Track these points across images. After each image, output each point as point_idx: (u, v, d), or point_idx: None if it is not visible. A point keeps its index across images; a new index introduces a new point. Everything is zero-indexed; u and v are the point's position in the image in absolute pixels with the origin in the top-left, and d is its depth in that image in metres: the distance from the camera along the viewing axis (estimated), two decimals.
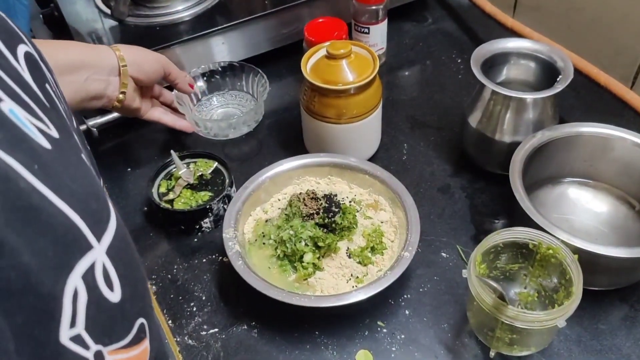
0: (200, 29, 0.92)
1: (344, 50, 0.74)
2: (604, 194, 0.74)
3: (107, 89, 0.72)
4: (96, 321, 0.26)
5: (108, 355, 0.27)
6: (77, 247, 0.26)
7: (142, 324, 0.31)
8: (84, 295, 0.26)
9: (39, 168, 0.25)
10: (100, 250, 0.27)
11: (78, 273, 0.26)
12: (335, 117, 0.76)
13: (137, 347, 0.30)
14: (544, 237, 0.60)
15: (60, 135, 0.29)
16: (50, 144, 0.28)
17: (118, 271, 0.29)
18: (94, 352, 0.26)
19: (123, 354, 0.29)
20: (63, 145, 0.29)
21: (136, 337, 0.30)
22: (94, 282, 0.27)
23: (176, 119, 0.84)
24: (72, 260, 0.26)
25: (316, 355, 0.63)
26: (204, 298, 0.68)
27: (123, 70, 0.73)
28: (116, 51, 0.72)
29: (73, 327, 0.25)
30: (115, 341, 0.28)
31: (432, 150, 0.85)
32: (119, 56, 0.72)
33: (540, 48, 0.75)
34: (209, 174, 0.78)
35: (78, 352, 0.25)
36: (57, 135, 0.29)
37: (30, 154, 0.25)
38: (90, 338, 0.26)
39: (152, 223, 0.77)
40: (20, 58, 0.30)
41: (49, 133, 0.28)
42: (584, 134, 0.72)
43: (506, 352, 0.61)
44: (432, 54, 1.01)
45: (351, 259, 0.67)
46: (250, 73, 0.92)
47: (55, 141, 0.28)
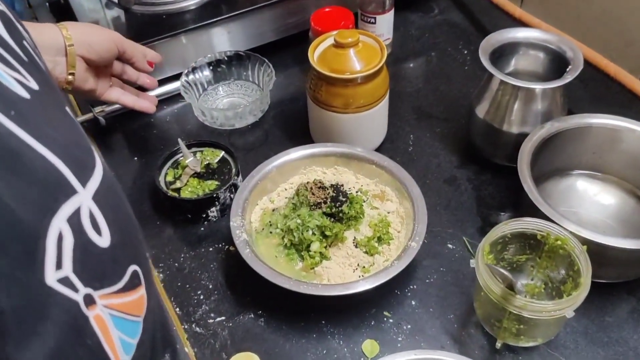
0: (206, 17, 0.91)
1: (351, 39, 0.73)
2: (612, 186, 0.74)
3: (54, 70, 0.68)
4: (85, 265, 0.26)
5: (100, 300, 0.27)
6: (61, 191, 0.26)
7: (135, 271, 0.31)
8: (70, 238, 0.25)
9: (15, 114, 0.25)
10: (86, 196, 0.27)
11: (62, 216, 0.25)
12: (342, 106, 0.75)
13: (132, 293, 0.30)
14: (552, 228, 0.60)
15: (40, 87, 0.29)
16: (29, 94, 0.27)
17: (106, 217, 0.28)
18: (83, 294, 0.26)
19: (117, 299, 0.28)
20: (43, 97, 0.29)
21: (130, 283, 0.30)
22: (80, 226, 0.26)
23: (136, 99, 0.80)
24: (55, 203, 0.25)
25: (322, 344, 0.63)
26: (210, 286, 0.68)
27: (70, 49, 0.68)
28: (62, 30, 0.68)
29: (60, 269, 0.25)
30: (107, 285, 0.28)
31: (438, 141, 0.85)
32: (65, 35, 0.68)
33: (549, 38, 0.74)
34: (215, 163, 0.78)
35: (66, 294, 0.25)
36: (36, 87, 0.29)
37: (5, 102, 0.25)
38: (79, 281, 0.26)
39: (159, 211, 0.77)
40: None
41: (27, 84, 0.28)
42: (594, 126, 0.71)
43: (513, 343, 0.61)
44: (439, 45, 1.00)
45: (358, 249, 0.67)
46: (257, 63, 0.91)
47: (35, 92, 0.28)
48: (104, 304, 0.27)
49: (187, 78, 0.89)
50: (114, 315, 0.28)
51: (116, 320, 0.28)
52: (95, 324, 0.26)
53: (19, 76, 0.28)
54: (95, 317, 0.26)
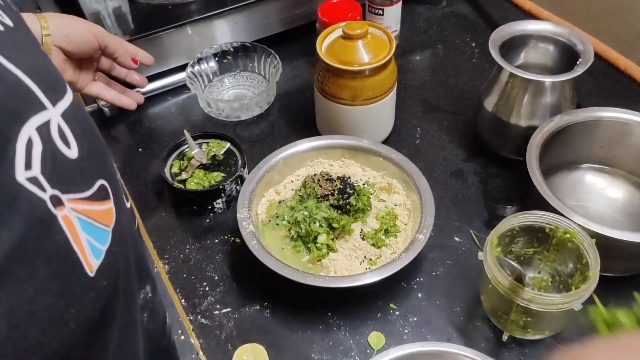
0: (212, 8, 0.91)
1: (360, 31, 0.73)
2: (621, 180, 0.74)
3: None
4: (53, 170, 0.29)
5: (68, 203, 0.30)
6: (31, 104, 0.29)
7: (103, 185, 0.33)
8: (39, 145, 0.28)
9: None
10: (55, 113, 0.30)
11: (32, 125, 0.28)
12: (349, 98, 0.75)
13: (100, 203, 0.33)
14: (561, 221, 0.59)
15: (15, 25, 0.31)
16: (3, 27, 0.30)
17: (74, 133, 0.31)
18: (50, 194, 0.28)
19: (85, 205, 0.31)
20: (18, 33, 0.31)
21: (97, 194, 0.33)
22: (49, 136, 0.29)
23: (117, 95, 0.79)
24: (25, 113, 0.28)
25: (329, 336, 0.63)
26: (216, 278, 0.68)
27: (46, 39, 0.68)
28: (41, 20, 0.68)
29: (29, 170, 0.27)
30: (75, 192, 0.31)
31: (446, 134, 0.84)
32: (43, 25, 0.67)
33: (560, 31, 0.74)
34: (221, 154, 0.77)
35: (34, 191, 0.27)
36: (11, 24, 0.31)
37: None
38: (47, 182, 0.28)
39: (164, 203, 0.77)
40: None
41: (2, 20, 0.30)
42: (603, 119, 0.71)
43: (519, 336, 0.61)
44: (446, 38, 1.00)
45: (365, 241, 0.67)
46: (263, 54, 0.91)
47: (9, 27, 0.30)
48: (72, 207, 0.30)
49: (192, 69, 0.88)
50: (81, 219, 0.31)
51: (84, 223, 0.31)
52: (63, 223, 0.29)
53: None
54: (63, 217, 0.29)
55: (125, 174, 0.80)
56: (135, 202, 0.77)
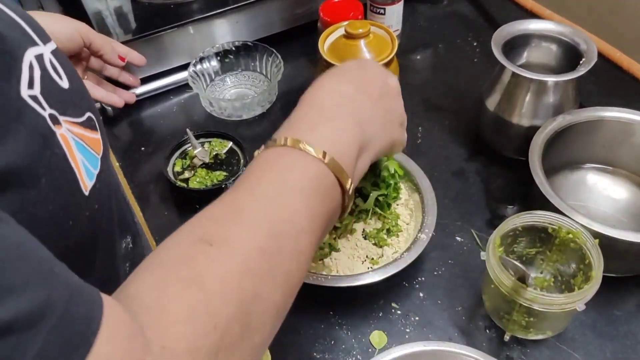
0: (214, 7, 0.91)
1: (362, 30, 0.73)
2: (623, 180, 0.74)
3: None
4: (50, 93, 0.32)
5: (64, 123, 0.33)
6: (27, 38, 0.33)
7: (90, 117, 0.37)
8: (38, 69, 0.32)
9: None
10: (46, 49, 0.34)
11: (31, 53, 0.32)
12: None
13: (90, 131, 0.36)
14: (564, 221, 0.59)
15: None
16: None
17: (64, 68, 0.35)
18: (48, 113, 0.32)
19: (78, 129, 0.35)
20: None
21: (87, 123, 0.36)
22: (44, 65, 0.33)
23: (106, 94, 0.80)
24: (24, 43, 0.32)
25: (330, 334, 0.63)
26: None
27: None
28: None
29: (31, 89, 0.30)
30: (70, 115, 0.34)
31: (447, 133, 0.84)
32: None
33: (563, 30, 0.74)
34: (223, 153, 0.77)
35: (36, 108, 0.30)
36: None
37: None
38: (45, 102, 0.31)
39: (166, 202, 0.77)
40: None
41: None
42: (605, 119, 0.71)
43: (521, 336, 0.61)
44: (447, 37, 1.00)
45: (367, 241, 0.67)
46: (264, 53, 0.91)
47: None
48: (67, 127, 0.33)
49: (194, 68, 0.88)
50: (76, 140, 0.34)
51: (78, 145, 0.34)
52: (61, 140, 0.32)
53: None
54: (60, 135, 0.32)
55: (127, 173, 0.80)
56: (138, 200, 0.77)
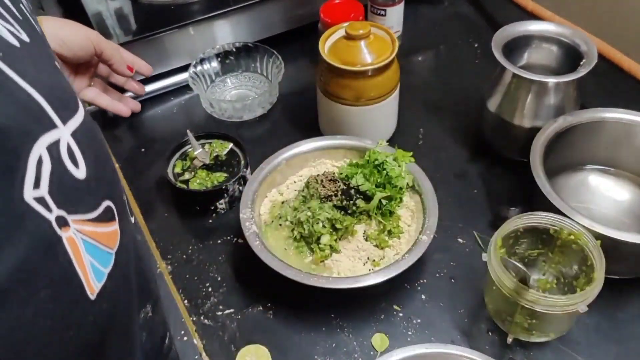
0: (214, 9, 0.90)
1: (363, 31, 0.72)
2: (625, 182, 0.73)
3: None
4: (60, 190, 0.29)
5: (73, 224, 0.29)
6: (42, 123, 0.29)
7: (109, 206, 0.33)
8: (48, 164, 0.28)
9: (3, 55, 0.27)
10: (65, 132, 0.30)
11: (42, 144, 0.28)
12: (352, 99, 0.75)
13: (105, 225, 0.33)
14: (565, 223, 0.59)
15: (31, 41, 0.31)
16: (19, 43, 0.29)
17: (84, 154, 0.31)
18: (56, 215, 0.28)
19: (90, 227, 0.31)
20: (33, 49, 0.31)
21: (103, 215, 0.32)
22: (59, 155, 0.29)
23: (112, 102, 0.78)
24: (36, 131, 0.28)
25: (332, 337, 0.62)
26: (219, 279, 0.68)
27: None
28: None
29: (37, 189, 0.27)
30: (81, 212, 0.30)
31: (449, 135, 0.84)
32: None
33: (563, 31, 0.73)
34: (224, 155, 0.77)
35: (41, 212, 0.27)
36: (27, 40, 0.31)
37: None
38: (53, 203, 0.28)
39: (167, 203, 0.76)
40: None
41: (18, 35, 0.30)
42: (607, 120, 0.71)
43: (524, 338, 0.60)
44: (449, 38, 0.99)
45: (368, 242, 0.66)
46: (265, 54, 0.91)
47: (25, 43, 0.30)
48: (77, 228, 0.30)
49: (195, 69, 0.88)
50: (86, 240, 0.31)
51: (88, 245, 0.31)
52: (67, 245, 0.29)
53: (10, 27, 0.30)
54: (67, 238, 0.29)
55: (127, 174, 0.80)
56: (138, 202, 0.77)
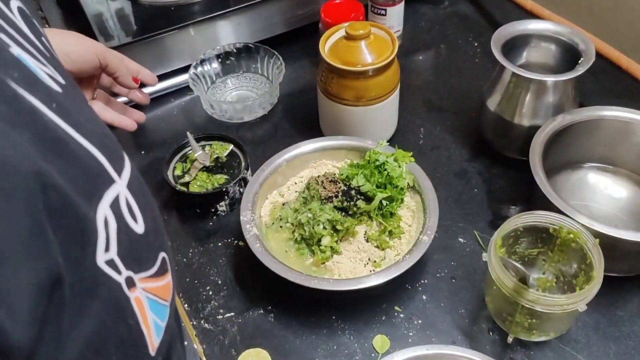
0: (215, 9, 0.90)
1: (363, 31, 0.72)
2: (624, 179, 0.73)
3: None
4: (126, 249, 0.28)
5: (139, 282, 0.29)
6: (103, 179, 0.28)
7: (164, 258, 0.33)
8: (114, 223, 0.27)
9: (56, 107, 0.27)
10: (122, 184, 0.30)
11: (106, 202, 0.27)
12: (352, 99, 0.75)
13: (162, 278, 0.32)
14: (564, 221, 0.59)
15: (65, 81, 0.30)
16: (60, 88, 0.29)
17: (139, 205, 0.31)
18: (125, 277, 0.28)
19: (152, 283, 0.31)
20: (70, 91, 0.30)
21: (161, 268, 0.32)
22: (120, 212, 0.28)
23: (117, 116, 0.75)
24: (100, 190, 0.27)
25: (333, 340, 0.63)
26: (219, 282, 0.68)
27: None
28: None
29: (107, 252, 0.27)
30: (144, 270, 0.30)
31: (449, 134, 0.84)
32: None
33: (561, 30, 0.73)
34: (224, 156, 0.77)
35: (112, 275, 0.27)
36: (63, 81, 0.30)
37: (46, 94, 0.27)
38: (122, 264, 0.28)
39: (167, 206, 0.77)
40: (14, 11, 0.31)
41: (56, 78, 0.29)
42: (605, 118, 0.71)
43: (525, 338, 0.61)
44: (449, 38, 0.99)
45: (369, 243, 0.67)
46: (266, 55, 0.91)
47: (63, 86, 0.30)
48: (142, 286, 0.29)
49: (195, 70, 0.88)
50: (150, 298, 0.30)
51: (152, 303, 0.30)
52: (135, 305, 0.28)
53: (48, 70, 0.29)
54: (135, 298, 0.29)
55: None
56: None
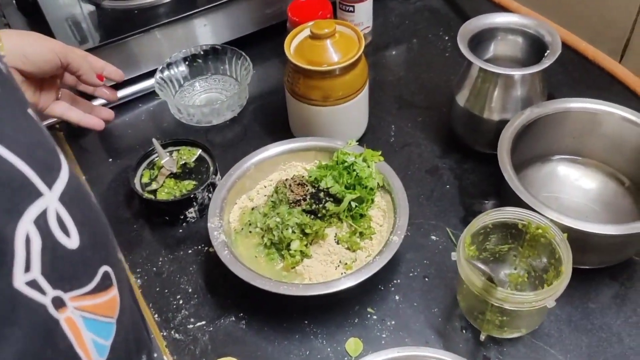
0: (181, 11, 0.89)
1: (328, 30, 0.71)
2: (594, 170, 0.73)
3: None
4: (54, 266, 0.26)
5: (70, 302, 0.27)
6: (26, 194, 0.26)
7: (106, 272, 0.31)
8: (38, 240, 0.26)
9: None
10: (52, 197, 0.28)
11: (29, 218, 0.25)
12: (320, 99, 0.74)
13: (104, 294, 0.31)
14: (533, 217, 0.59)
15: (2, 89, 0.29)
16: None
17: (74, 218, 0.29)
18: (51, 297, 0.26)
19: (89, 300, 0.29)
20: (3, 99, 0.29)
21: (101, 284, 0.30)
22: (47, 228, 0.27)
23: (83, 115, 0.73)
24: (21, 206, 0.25)
25: (306, 344, 0.62)
26: (190, 290, 0.67)
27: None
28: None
29: (28, 272, 0.25)
30: (78, 287, 0.28)
31: (420, 131, 0.84)
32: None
33: (527, 22, 0.73)
34: (192, 162, 0.76)
35: (34, 297, 0.25)
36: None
37: None
38: (47, 283, 0.26)
39: (136, 215, 0.75)
40: None
41: None
42: (572, 110, 0.71)
43: (497, 335, 0.60)
44: (419, 32, 0.99)
45: (339, 245, 0.66)
46: (233, 56, 0.90)
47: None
48: (75, 305, 0.28)
49: (161, 74, 0.87)
50: (86, 317, 0.28)
51: (88, 322, 0.29)
52: (66, 327, 0.27)
53: None
54: (66, 319, 0.27)
55: (95, 186, 0.79)
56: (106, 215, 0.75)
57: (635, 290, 0.65)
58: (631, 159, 0.70)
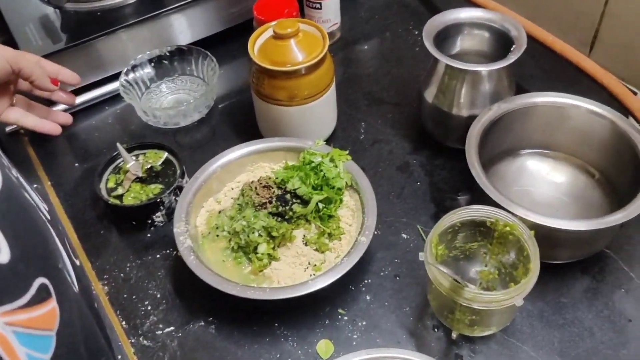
0: (145, 11, 0.87)
1: (291, 30, 0.70)
2: (563, 164, 0.73)
3: None
4: None
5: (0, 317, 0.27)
6: None
7: (43, 284, 0.30)
8: None
9: None
10: None
11: None
12: (286, 99, 0.73)
13: (39, 307, 0.30)
14: (500, 214, 0.59)
15: None
16: None
17: (5, 231, 0.28)
18: None
19: (22, 315, 0.28)
20: None
21: (37, 297, 0.29)
22: None
23: (38, 121, 0.72)
24: None
25: (276, 348, 0.61)
26: (158, 296, 0.66)
27: None
28: None
29: None
30: (9, 301, 0.27)
31: (390, 127, 0.83)
32: None
33: (493, 17, 0.73)
34: (159, 165, 0.75)
35: None
36: None
37: None
38: None
39: (102, 220, 0.74)
40: None
41: None
42: (540, 104, 0.70)
43: (468, 334, 0.60)
44: (389, 27, 0.98)
45: (308, 247, 0.65)
46: (199, 56, 0.88)
47: None
48: (5, 321, 0.27)
49: (126, 77, 0.85)
50: (18, 332, 0.27)
51: (21, 336, 0.28)
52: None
53: None
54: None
55: (61, 192, 0.77)
56: (72, 221, 0.74)
57: (606, 284, 0.65)
58: (600, 151, 0.70)
